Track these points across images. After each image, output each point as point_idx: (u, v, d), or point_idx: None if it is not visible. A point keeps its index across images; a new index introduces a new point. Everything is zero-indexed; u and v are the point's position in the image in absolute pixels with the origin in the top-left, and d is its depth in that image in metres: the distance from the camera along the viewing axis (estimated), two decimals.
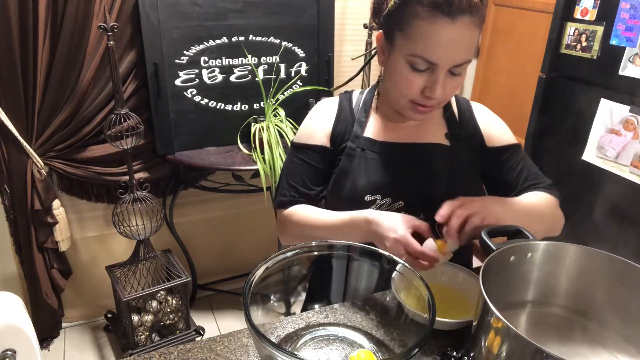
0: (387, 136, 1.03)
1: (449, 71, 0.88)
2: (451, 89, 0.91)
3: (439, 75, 0.87)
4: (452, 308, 0.91)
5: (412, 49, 0.86)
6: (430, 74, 0.88)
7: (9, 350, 0.71)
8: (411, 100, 0.92)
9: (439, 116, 1.05)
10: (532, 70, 2.11)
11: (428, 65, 0.87)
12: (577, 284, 0.79)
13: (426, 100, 0.90)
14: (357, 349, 0.81)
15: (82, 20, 1.65)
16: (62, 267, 1.99)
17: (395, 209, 0.99)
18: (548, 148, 1.90)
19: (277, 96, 2.04)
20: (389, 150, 1.01)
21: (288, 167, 1.07)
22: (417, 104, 0.92)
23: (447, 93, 0.91)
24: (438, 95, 0.88)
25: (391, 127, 1.04)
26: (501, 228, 0.83)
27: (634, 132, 1.57)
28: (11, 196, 1.80)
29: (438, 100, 0.91)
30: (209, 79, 1.93)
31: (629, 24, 1.54)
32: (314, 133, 1.04)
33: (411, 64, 0.88)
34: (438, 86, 0.88)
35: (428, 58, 0.86)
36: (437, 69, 0.87)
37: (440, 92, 0.88)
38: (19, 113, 1.68)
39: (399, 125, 1.04)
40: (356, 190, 0.99)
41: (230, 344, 0.84)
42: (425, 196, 0.98)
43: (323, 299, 0.92)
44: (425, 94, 0.90)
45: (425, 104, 0.91)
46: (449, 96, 0.94)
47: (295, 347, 0.81)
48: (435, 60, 0.85)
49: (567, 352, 0.76)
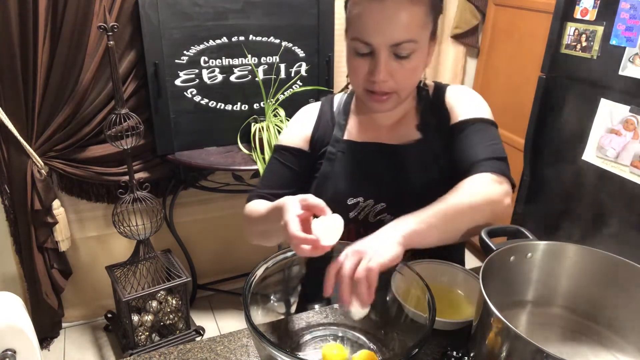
0: (366, 136, 1.01)
1: (394, 54, 0.85)
2: (403, 74, 0.87)
3: (379, 57, 0.84)
4: (452, 308, 0.91)
5: (351, 32, 0.86)
6: (372, 58, 0.86)
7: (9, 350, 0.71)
8: (365, 89, 0.90)
9: (413, 109, 1.02)
10: (532, 70, 2.11)
11: (367, 47, 0.85)
12: (577, 284, 0.79)
13: (374, 85, 0.88)
14: (357, 349, 0.81)
15: (82, 20, 1.65)
16: (62, 267, 1.99)
17: (378, 210, 0.98)
18: (548, 148, 1.90)
19: (277, 96, 2.04)
20: (367, 151, 1.00)
21: (266, 166, 1.08)
22: (371, 92, 0.90)
23: (399, 79, 0.88)
24: (380, 79, 0.86)
25: (370, 126, 1.02)
26: (501, 228, 0.82)
27: (634, 132, 1.57)
28: (11, 196, 1.80)
29: (390, 87, 0.88)
30: (209, 79, 1.93)
31: (629, 24, 1.54)
32: (293, 136, 1.04)
33: (354, 49, 0.87)
34: (379, 68, 0.85)
35: (363, 39, 0.84)
36: (376, 51, 0.84)
37: (384, 75, 0.85)
38: (19, 113, 1.68)
39: (377, 124, 1.02)
40: (338, 194, 0.98)
41: (230, 344, 0.84)
42: (405, 196, 0.95)
43: (323, 299, 0.92)
44: (369, 79, 0.87)
45: (375, 90, 0.88)
46: (402, 83, 0.89)
47: (295, 347, 0.81)
48: (369, 40, 0.84)
49: (567, 352, 0.76)
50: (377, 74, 0.85)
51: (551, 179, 1.89)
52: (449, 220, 0.79)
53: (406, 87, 0.91)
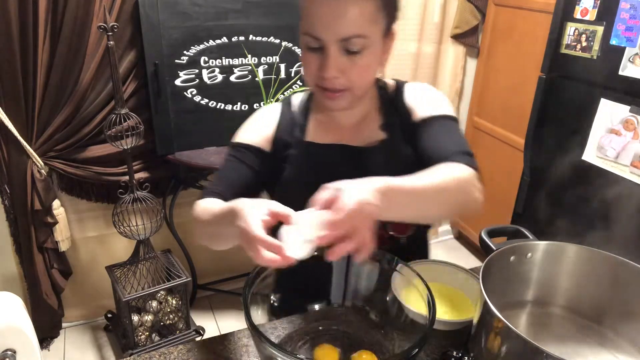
0: (328, 138, 0.98)
1: (344, 50, 0.83)
2: (355, 71, 0.85)
3: (328, 52, 0.82)
4: (452, 308, 0.91)
5: (303, 26, 0.85)
6: (322, 53, 0.84)
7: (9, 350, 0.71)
8: (317, 85, 0.88)
9: (375, 109, 1.00)
10: (532, 70, 2.11)
11: (317, 42, 0.83)
12: (577, 284, 0.79)
13: (325, 82, 0.85)
14: (357, 349, 0.81)
15: (82, 20, 1.65)
16: (62, 267, 1.99)
17: None
18: (548, 148, 1.90)
19: (277, 96, 2.04)
20: (331, 154, 0.97)
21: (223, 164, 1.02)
22: (323, 88, 0.87)
23: (351, 76, 0.85)
24: (330, 74, 0.83)
25: (332, 127, 0.99)
26: (501, 228, 0.82)
27: (634, 132, 1.57)
28: (11, 196, 1.80)
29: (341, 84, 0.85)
30: (209, 79, 1.93)
31: (629, 24, 1.54)
32: (253, 135, 1.00)
33: (305, 43, 0.85)
34: (328, 64, 0.83)
35: (312, 33, 0.82)
36: (326, 46, 0.82)
37: (334, 71, 0.83)
38: (19, 113, 1.68)
39: (339, 125, 0.99)
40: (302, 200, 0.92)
41: (230, 344, 0.84)
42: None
43: (323, 299, 0.92)
44: (319, 75, 0.85)
45: (326, 87, 0.86)
46: (355, 80, 0.86)
47: (295, 347, 0.81)
48: (318, 34, 0.82)
49: (567, 352, 0.76)
50: (326, 70, 0.83)
51: (551, 179, 1.89)
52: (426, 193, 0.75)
53: (360, 85, 0.88)
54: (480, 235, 0.82)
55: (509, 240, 0.80)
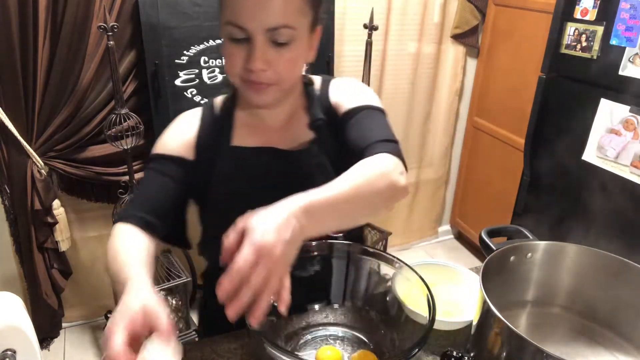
0: (255, 140, 0.93)
1: (271, 41, 0.79)
2: (283, 64, 0.81)
3: (255, 43, 0.78)
4: (452, 308, 0.91)
5: (225, 16, 0.80)
6: (248, 44, 0.80)
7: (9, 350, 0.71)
8: (242, 78, 0.83)
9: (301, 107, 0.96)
10: (532, 70, 2.11)
11: (242, 32, 0.79)
12: (577, 284, 0.79)
13: (251, 75, 0.81)
14: (357, 349, 0.81)
15: (82, 20, 1.65)
16: (62, 267, 1.99)
17: None
18: (548, 148, 1.90)
19: None
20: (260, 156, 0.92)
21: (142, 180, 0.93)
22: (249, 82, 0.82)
23: (279, 69, 0.81)
24: (257, 66, 0.79)
25: (259, 128, 0.94)
26: (501, 228, 0.82)
27: (634, 132, 1.57)
28: (11, 196, 1.80)
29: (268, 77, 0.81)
30: (209, 79, 1.93)
31: (629, 24, 1.54)
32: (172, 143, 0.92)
33: (228, 35, 0.80)
34: (255, 55, 0.78)
35: (236, 22, 0.78)
36: (252, 36, 0.78)
37: (261, 63, 0.79)
38: (19, 113, 1.68)
39: (265, 126, 0.94)
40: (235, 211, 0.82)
41: (230, 344, 0.84)
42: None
43: (323, 299, 0.92)
44: (245, 67, 0.81)
45: (252, 79, 0.81)
46: (283, 74, 0.83)
47: (295, 347, 0.81)
48: (243, 23, 0.78)
49: (567, 352, 0.76)
50: (253, 62, 0.79)
51: (551, 179, 1.89)
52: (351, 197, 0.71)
53: (287, 79, 0.85)
54: (480, 235, 0.82)
55: (509, 240, 0.80)
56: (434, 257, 2.81)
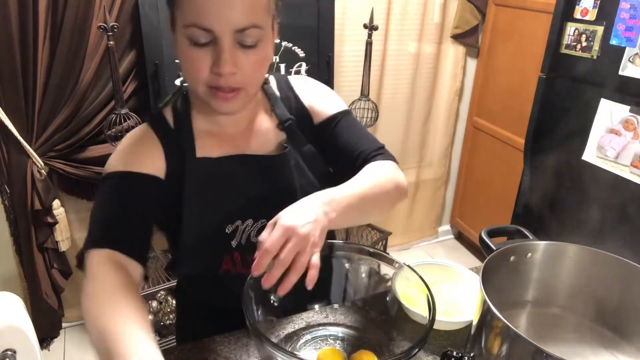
0: (222, 150, 0.87)
1: (238, 43, 0.75)
2: (251, 66, 0.77)
3: (223, 46, 0.73)
4: (452, 308, 0.91)
5: (185, 18, 0.74)
6: (214, 47, 0.75)
7: (9, 350, 0.71)
8: (207, 86, 0.78)
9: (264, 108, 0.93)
10: (532, 70, 2.11)
11: (207, 35, 0.73)
12: (577, 284, 0.79)
13: (219, 80, 0.76)
14: (357, 349, 0.81)
15: (82, 20, 1.65)
16: (62, 267, 1.99)
17: (260, 227, 0.89)
18: (548, 148, 1.90)
19: None
20: (233, 164, 0.87)
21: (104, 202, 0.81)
22: (214, 88, 0.77)
23: (247, 71, 0.77)
24: (227, 70, 0.74)
25: (223, 137, 0.89)
26: (501, 228, 0.82)
27: (634, 132, 1.57)
28: (11, 196, 1.80)
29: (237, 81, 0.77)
30: None
31: (629, 24, 1.54)
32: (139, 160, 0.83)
33: (189, 38, 0.74)
34: (224, 58, 0.73)
35: (201, 24, 0.72)
36: (219, 39, 0.73)
37: (231, 66, 0.74)
38: (19, 113, 1.68)
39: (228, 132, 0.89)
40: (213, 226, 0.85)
41: (230, 344, 0.84)
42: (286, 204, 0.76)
43: (323, 299, 0.92)
44: (213, 72, 0.75)
45: (220, 85, 0.76)
46: (251, 76, 0.79)
47: (295, 347, 0.81)
48: (210, 25, 0.72)
49: (567, 352, 0.76)
50: (222, 65, 0.74)
51: (551, 179, 1.89)
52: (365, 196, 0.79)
53: (254, 82, 0.81)
54: (480, 235, 0.82)
55: (509, 240, 0.80)
56: (434, 257, 2.81)
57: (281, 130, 0.92)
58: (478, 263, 2.43)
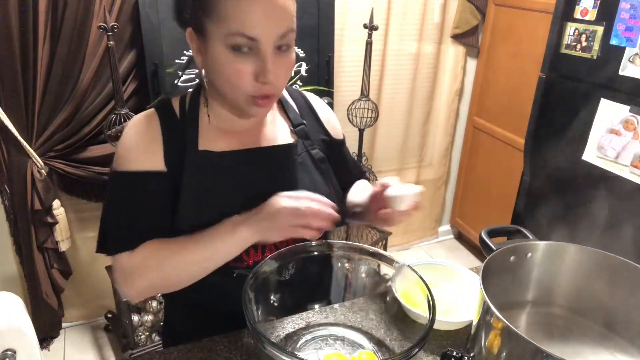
0: (227, 145, 0.87)
1: (277, 48, 0.75)
2: (286, 70, 0.79)
3: (266, 54, 0.74)
4: (452, 308, 0.91)
5: (228, 28, 0.73)
6: (256, 55, 0.74)
7: (9, 350, 0.71)
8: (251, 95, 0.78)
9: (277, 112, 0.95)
10: (532, 70, 2.11)
11: (250, 43, 0.73)
12: (577, 284, 0.79)
13: (264, 88, 0.76)
14: (357, 349, 0.81)
15: (82, 20, 1.65)
16: (62, 267, 1.99)
17: None
18: (548, 148, 1.90)
19: None
20: (236, 159, 0.87)
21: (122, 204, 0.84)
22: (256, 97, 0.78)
23: (282, 76, 0.78)
24: (273, 79, 0.75)
25: (230, 134, 0.89)
26: (501, 228, 0.82)
27: (634, 132, 1.57)
28: (11, 196, 1.80)
29: (275, 86, 0.78)
30: None
31: (629, 24, 1.54)
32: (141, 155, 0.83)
33: (232, 47, 0.74)
34: (269, 67, 0.74)
35: (248, 33, 0.72)
36: (262, 46, 0.73)
37: (274, 75, 0.75)
38: (19, 113, 1.68)
39: (237, 131, 0.89)
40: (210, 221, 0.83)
41: (230, 344, 0.84)
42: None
43: (323, 299, 0.92)
44: (259, 81, 0.76)
45: (265, 93, 0.77)
46: (284, 81, 0.80)
47: (295, 347, 0.81)
48: (256, 34, 0.72)
49: (567, 352, 0.76)
50: (268, 74, 0.74)
51: (551, 179, 1.89)
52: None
53: (283, 86, 0.82)
54: (480, 235, 0.82)
55: (509, 240, 0.80)
56: (434, 257, 2.81)
57: (293, 132, 0.94)
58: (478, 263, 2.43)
